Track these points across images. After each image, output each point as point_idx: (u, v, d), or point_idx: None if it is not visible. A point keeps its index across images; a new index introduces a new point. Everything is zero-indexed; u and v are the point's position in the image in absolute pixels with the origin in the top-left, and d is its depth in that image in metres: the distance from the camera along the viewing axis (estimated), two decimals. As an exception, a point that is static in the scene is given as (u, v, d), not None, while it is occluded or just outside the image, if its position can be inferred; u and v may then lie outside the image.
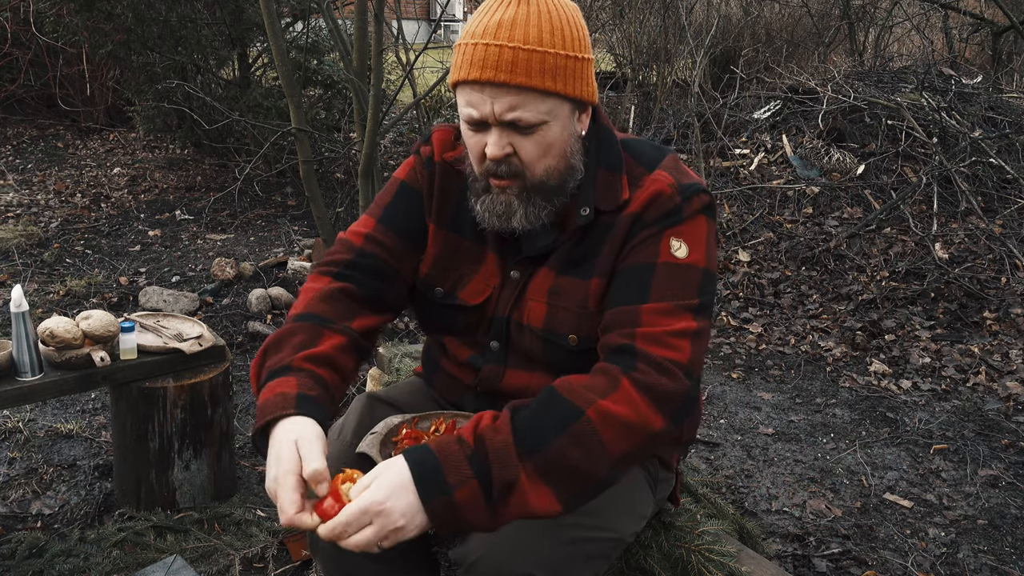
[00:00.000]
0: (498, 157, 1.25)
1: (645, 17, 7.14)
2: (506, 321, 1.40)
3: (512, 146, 1.25)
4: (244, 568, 2.17)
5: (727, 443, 3.05)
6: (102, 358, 2.23)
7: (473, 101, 1.23)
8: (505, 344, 1.42)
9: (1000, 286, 4.17)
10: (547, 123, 1.24)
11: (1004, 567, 2.37)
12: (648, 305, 1.24)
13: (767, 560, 1.76)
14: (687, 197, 1.29)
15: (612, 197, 1.32)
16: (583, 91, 1.26)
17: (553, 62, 1.21)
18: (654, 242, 1.28)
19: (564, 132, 1.27)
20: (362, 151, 3.80)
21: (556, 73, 1.21)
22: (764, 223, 4.99)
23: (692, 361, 1.21)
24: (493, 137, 1.25)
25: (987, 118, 5.40)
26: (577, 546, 1.29)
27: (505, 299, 1.40)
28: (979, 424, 3.18)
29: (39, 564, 2.15)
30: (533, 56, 1.19)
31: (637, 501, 1.46)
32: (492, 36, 1.20)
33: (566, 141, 1.28)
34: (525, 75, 1.19)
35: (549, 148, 1.26)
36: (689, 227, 1.29)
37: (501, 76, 1.19)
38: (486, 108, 1.22)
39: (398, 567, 1.49)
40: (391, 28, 5.54)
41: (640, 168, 1.34)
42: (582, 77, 1.25)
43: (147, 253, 4.86)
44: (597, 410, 1.13)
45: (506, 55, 1.19)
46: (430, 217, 1.44)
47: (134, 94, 6.22)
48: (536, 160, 1.26)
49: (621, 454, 1.14)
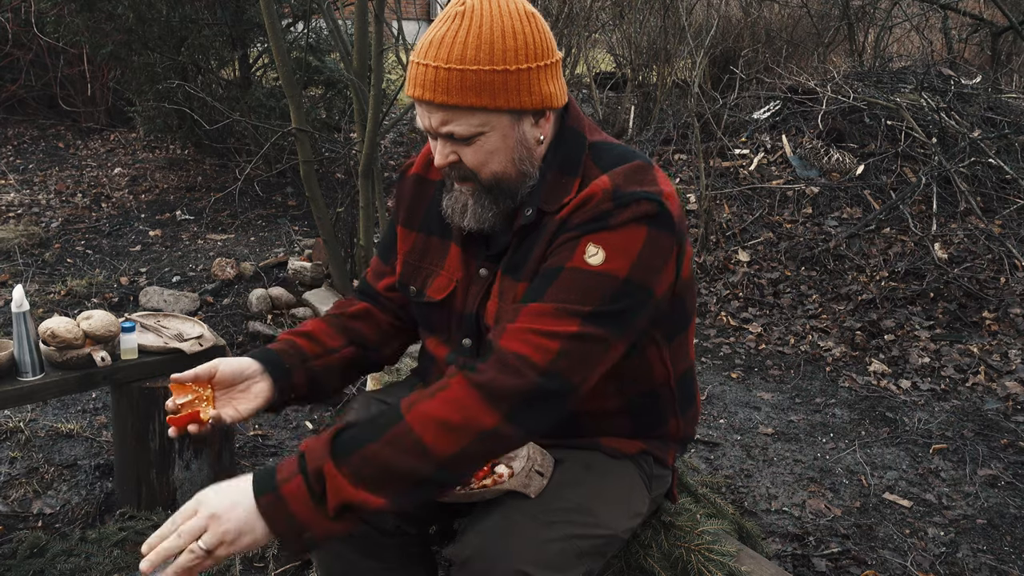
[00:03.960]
0: (442, 165, 1.32)
1: (645, 17, 7.15)
2: (475, 317, 1.42)
3: (456, 154, 1.30)
4: (244, 568, 2.17)
5: (727, 443, 3.06)
6: (103, 358, 2.24)
7: (419, 115, 1.31)
8: (476, 341, 1.44)
9: (999, 286, 4.17)
10: (483, 133, 1.27)
11: (1003, 567, 2.37)
12: (533, 305, 1.24)
13: (767, 560, 1.77)
14: (622, 204, 1.26)
15: (556, 199, 1.32)
16: (522, 100, 1.26)
17: (475, 79, 1.22)
18: (570, 247, 1.27)
19: (506, 140, 1.29)
20: (362, 151, 3.81)
21: (481, 89, 1.23)
22: (764, 223, 4.99)
23: (554, 363, 1.19)
24: (438, 147, 1.31)
25: (986, 118, 5.40)
26: (570, 542, 1.30)
27: (474, 295, 1.43)
28: (978, 424, 3.18)
29: (40, 563, 2.16)
30: (452, 75, 1.22)
31: (631, 498, 1.46)
32: (424, 55, 1.25)
33: (511, 148, 1.30)
34: (445, 94, 1.23)
35: (491, 155, 1.29)
36: (617, 235, 1.25)
37: (427, 95, 1.24)
38: (426, 122, 1.29)
39: (396, 566, 1.50)
40: (391, 28, 5.55)
41: (595, 170, 1.33)
42: (519, 87, 1.25)
43: (148, 253, 4.86)
44: (416, 413, 1.16)
45: (429, 75, 1.24)
46: (399, 223, 1.54)
47: (135, 94, 6.22)
48: (480, 166, 1.30)
49: (450, 453, 1.15)
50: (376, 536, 1.45)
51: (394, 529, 1.46)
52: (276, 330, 3.85)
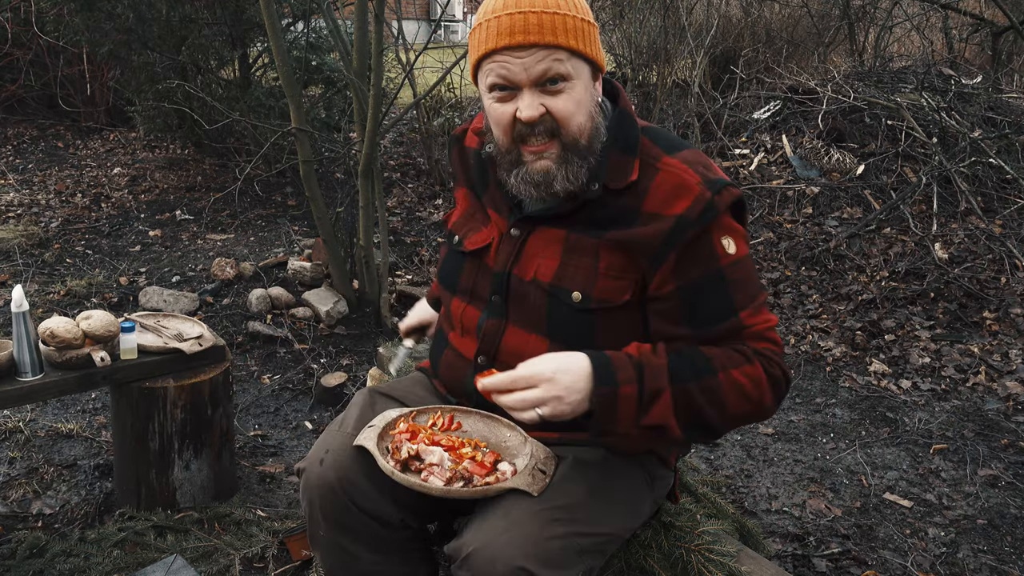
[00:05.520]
0: (534, 118, 1.32)
1: (645, 17, 7.14)
2: (506, 276, 1.46)
3: (544, 106, 1.32)
4: (244, 568, 2.17)
5: (727, 443, 3.06)
6: (102, 358, 2.23)
7: (503, 68, 1.32)
8: (505, 299, 1.47)
9: (1000, 286, 4.17)
10: (574, 80, 1.33)
11: (1004, 567, 2.37)
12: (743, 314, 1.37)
13: (767, 560, 1.77)
14: (717, 191, 1.35)
15: (621, 176, 1.39)
16: (598, 55, 1.36)
17: (574, 24, 1.31)
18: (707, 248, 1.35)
19: (587, 92, 1.35)
20: (362, 151, 3.81)
21: (578, 34, 1.31)
22: (764, 223, 4.99)
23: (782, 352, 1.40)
24: (526, 100, 1.32)
25: (987, 118, 5.40)
26: (570, 540, 1.30)
27: (504, 254, 1.47)
28: (979, 424, 3.18)
29: (39, 564, 2.16)
30: (556, 18, 1.29)
31: (634, 499, 1.46)
32: (515, 6, 1.30)
33: (590, 101, 1.36)
34: (552, 34, 1.29)
35: (579, 104, 1.34)
36: (727, 220, 1.37)
37: (531, 38, 1.29)
38: (517, 71, 1.31)
39: (398, 562, 1.50)
40: (391, 28, 5.55)
41: (656, 149, 1.40)
42: (595, 42, 1.35)
43: (147, 253, 4.86)
44: (727, 376, 1.32)
45: (531, 20, 1.29)
46: (458, 183, 1.64)
47: (134, 94, 6.22)
48: (570, 116, 1.34)
49: (736, 415, 1.34)
50: (378, 531, 1.45)
51: (397, 523, 1.46)
52: (276, 330, 3.85)
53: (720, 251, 1.35)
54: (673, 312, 1.37)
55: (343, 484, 1.41)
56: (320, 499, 1.43)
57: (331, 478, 1.42)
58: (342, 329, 3.96)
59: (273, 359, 3.68)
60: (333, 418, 3.19)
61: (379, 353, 2.71)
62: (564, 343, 1.38)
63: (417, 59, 4.25)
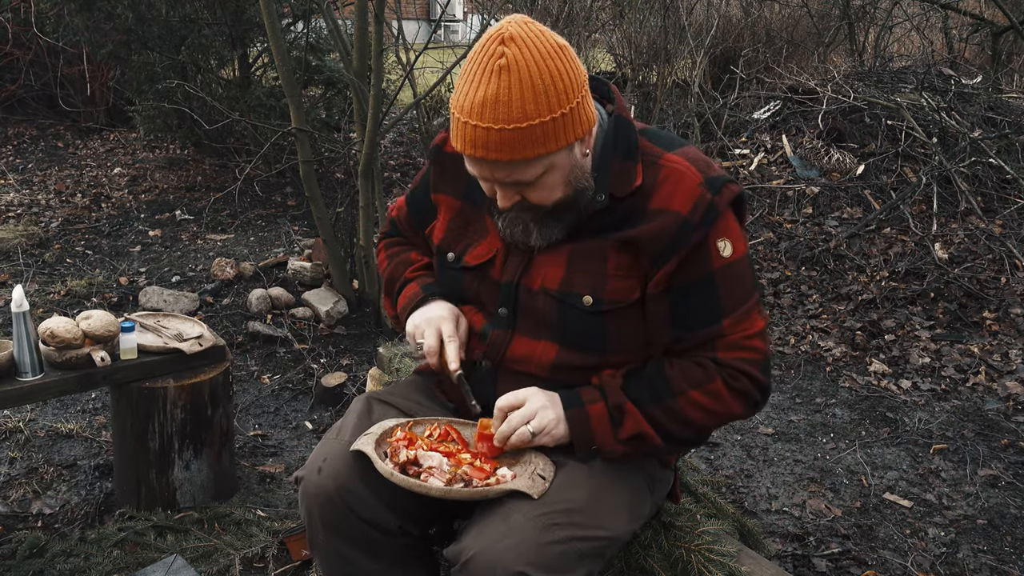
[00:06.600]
0: (507, 207, 1.37)
1: (645, 17, 7.14)
2: (515, 287, 1.46)
3: (519, 195, 1.35)
4: (244, 568, 2.17)
5: (727, 443, 3.06)
6: (102, 358, 2.23)
7: (474, 167, 1.33)
8: (513, 310, 1.47)
9: (1000, 286, 4.17)
10: (547, 172, 1.31)
11: (1004, 567, 2.37)
12: (726, 321, 1.38)
13: (767, 560, 1.77)
14: (717, 190, 1.36)
15: (626, 183, 1.39)
16: (578, 132, 1.29)
17: (541, 131, 1.25)
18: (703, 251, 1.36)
19: (565, 169, 1.33)
20: (362, 151, 3.81)
21: (547, 138, 1.25)
22: (764, 223, 4.99)
23: (765, 357, 1.42)
24: (499, 194, 1.35)
25: (987, 118, 5.40)
26: (570, 544, 1.30)
27: (513, 265, 1.46)
28: (979, 424, 3.18)
29: (39, 564, 2.16)
30: (521, 134, 1.23)
31: (634, 501, 1.46)
32: (479, 117, 1.24)
33: (569, 174, 1.34)
34: (511, 152, 1.25)
35: (554, 187, 1.34)
36: (726, 221, 1.38)
37: (492, 155, 1.26)
38: (487, 175, 1.33)
39: (398, 567, 1.50)
40: (391, 28, 5.54)
41: (656, 149, 1.40)
42: (572, 123, 1.28)
43: (147, 253, 4.86)
44: (687, 398, 1.39)
45: (493, 137, 1.24)
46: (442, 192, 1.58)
47: (134, 94, 6.21)
48: (545, 199, 1.35)
49: (706, 425, 1.43)
50: (377, 538, 1.45)
51: (396, 530, 1.46)
52: (276, 330, 3.85)
53: (714, 254, 1.36)
54: (662, 314, 1.40)
55: (341, 492, 1.41)
56: (319, 507, 1.43)
57: (329, 486, 1.42)
58: (342, 329, 3.97)
59: (273, 359, 3.68)
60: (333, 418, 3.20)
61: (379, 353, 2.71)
62: (574, 347, 1.41)
63: (417, 59, 4.24)
